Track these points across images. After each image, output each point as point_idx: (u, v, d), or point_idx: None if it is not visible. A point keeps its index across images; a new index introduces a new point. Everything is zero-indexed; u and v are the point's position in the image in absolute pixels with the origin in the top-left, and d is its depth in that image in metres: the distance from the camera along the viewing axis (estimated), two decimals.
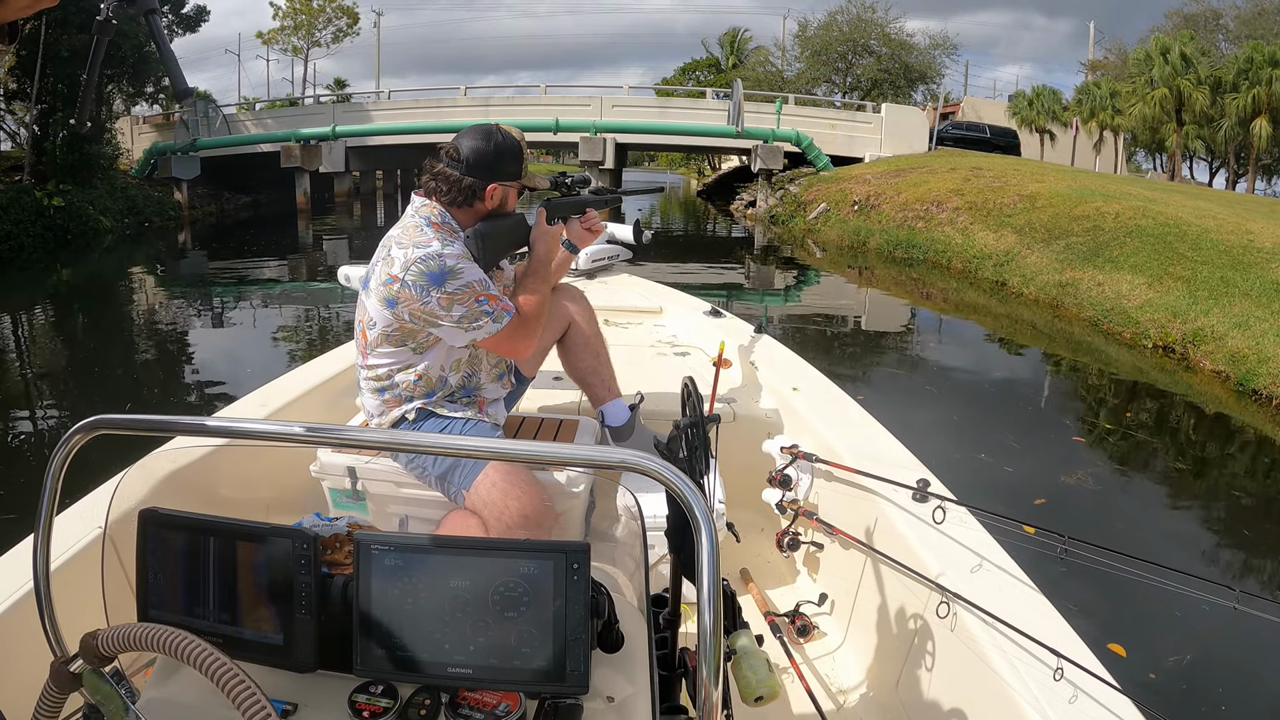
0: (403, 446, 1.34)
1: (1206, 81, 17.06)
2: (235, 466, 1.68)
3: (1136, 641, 2.46)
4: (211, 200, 19.39)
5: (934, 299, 10.12)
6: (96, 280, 10.86)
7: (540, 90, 22.79)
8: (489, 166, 1.59)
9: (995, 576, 1.43)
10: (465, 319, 1.51)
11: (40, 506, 0.79)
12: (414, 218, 1.58)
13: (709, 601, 0.73)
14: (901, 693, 1.53)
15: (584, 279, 3.70)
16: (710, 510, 0.77)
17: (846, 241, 13.80)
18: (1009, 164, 15.90)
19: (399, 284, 1.49)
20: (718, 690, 0.75)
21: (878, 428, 2.08)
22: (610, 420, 1.93)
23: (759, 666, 1.10)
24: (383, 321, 1.54)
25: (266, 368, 5.61)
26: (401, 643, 0.80)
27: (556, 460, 0.93)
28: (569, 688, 0.81)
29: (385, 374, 1.60)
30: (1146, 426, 5.40)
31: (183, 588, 0.81)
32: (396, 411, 1.61)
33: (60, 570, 0.89)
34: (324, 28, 30.05)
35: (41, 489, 0.79)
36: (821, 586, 2.01)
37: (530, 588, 0.80)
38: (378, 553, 0.80)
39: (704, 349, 2.87)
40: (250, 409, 2.09)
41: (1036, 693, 1.17)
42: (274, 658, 0.81)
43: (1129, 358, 6.94)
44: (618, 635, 0.91)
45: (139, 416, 0.82)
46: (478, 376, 1.67)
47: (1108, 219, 10.07)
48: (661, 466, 0.74)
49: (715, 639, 0.73)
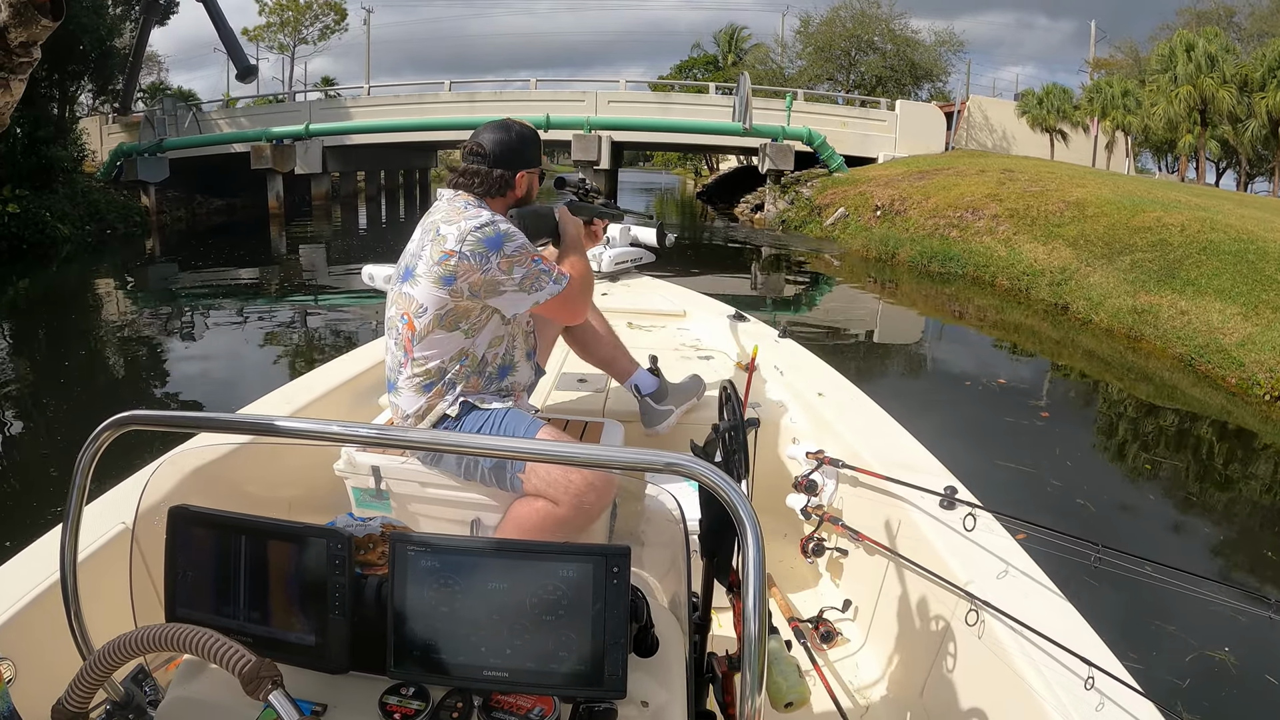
0: (443, 447, 1.39)
1: (1233, 80, 17.28)
2: (258, 464, 1.76)
3: (1169, 650, 2.49)
4: (182, 204, 19.27)
5: (987, 323, 9.28)
6: (53, 293, 10.78)
7: (530, 85, 22.64)
8: (515, 155, 1.75)
9: (1023, 584, 1.48)
10: (527, 279, 1.65)
11: (69, 501, 0.83)
12: (453, 202, 1.71)
13: (754, 607, 0.76)
14: (926, 699, 1.58)
15: (607, 280, 3.86)
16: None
17: (872, 252, 13.23)
18: (1042, 167, 15.71)
19: (456, 257, 1.60)
20: (761, 696, 0.79)
21: (903, 434, 2.15)
22: (644, 389, 2.18)
23: (790, 672, 1.15)
24: (435, 304, 1.63)
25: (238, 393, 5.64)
26: (436, 645, 0.84)
27: (601, 462, 0.97)
28: (606, 692, 0.85)
29: (436, 367, 1.69)
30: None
31: (212, 586, 0.85)
32: (440, 406, 1.70)
33: (84, 564, 0.92)
34: (311, 24, 30.48)
35: (70, 485, 0.83)
36: (845, 592, 2.07)
37: (570, 591, 0.83)
38: (414, 554, 0.84)
39: (728, 353, 3.01)
40: (274, 406, 2.18)
41: (1065, 700, 1.21)
42: (306, 658, 0.84)
43: (1241, 411, 5.99)
44: (653, 640, 0.95)
45: (169, 413, 0.86)
46: (513, 353, 1.81)
47: (1173, 232, 9.44)
48: (708, 470, 0.78)
49: (760, 644, 0.77)
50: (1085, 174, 14.93)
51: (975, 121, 22.70)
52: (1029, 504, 3.82)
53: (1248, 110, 17.42)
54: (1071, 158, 20.76)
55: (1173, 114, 18.19)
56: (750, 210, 20.11)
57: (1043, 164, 16.83)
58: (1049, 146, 21.84)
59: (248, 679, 0.68)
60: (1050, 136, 21.92)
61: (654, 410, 2.17)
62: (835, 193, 16.46)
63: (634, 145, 26.57)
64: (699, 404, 2.29)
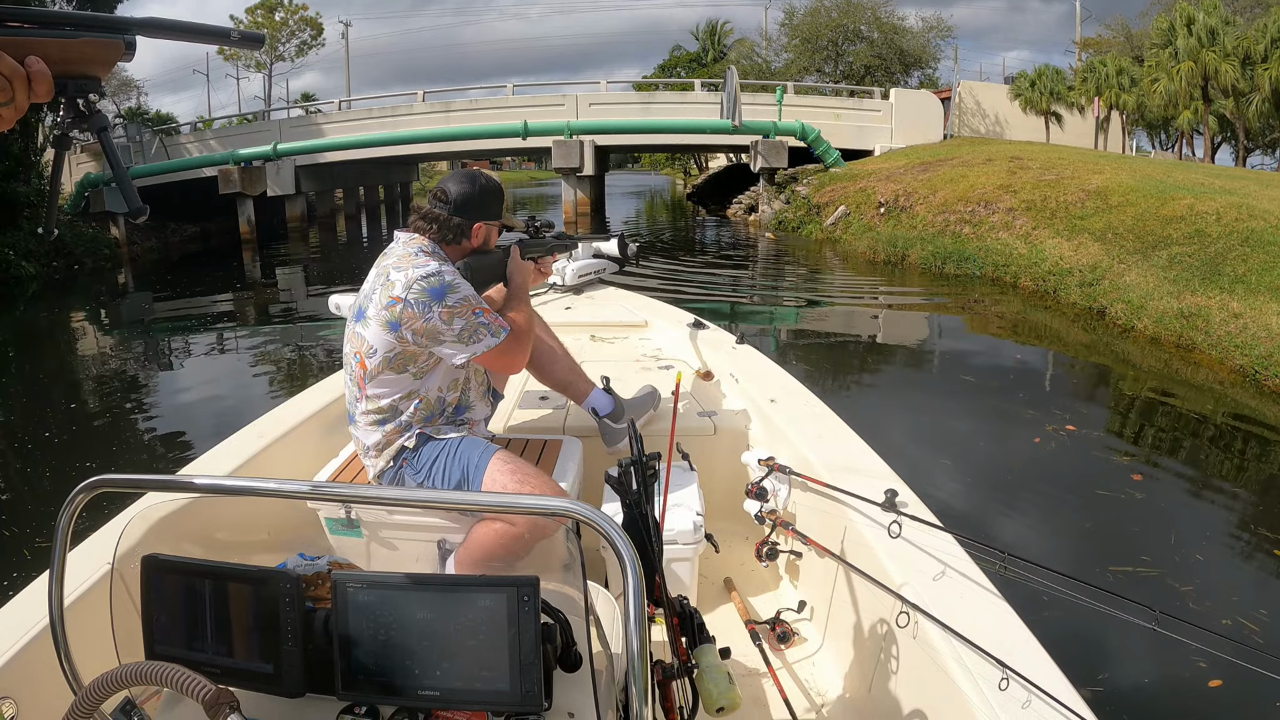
0: (367, 499, 1.56)
1: (1235, 53, 17.53)
2: (234, 503, 1.93)
3: (1074, 655, 2.66)
4: (153, 234, 19.29)
5: (1015, 331, 8.76)
6: (20, 335, 10.91)
7: (507, 90, 22.49)
8: (475, 207, 1.95)
9: (956, 586, 1.65)
10: (465, 332, 1.82)
11: (53, 554, 1.03)
12: (407, 246, 1.90)
13: (634, 631, 0.94)
14: (874, 698, 1.76)
15: (571, 294, 4.11)
16: (657, 544, 1.00)
17: (880, 254, 12.85)
18: (1051, 152, 15.51)
19: (402, 304, 1.78)
20: (648, 708, 0.98)
21: (852, 437, 2.36)
22: (601, 410, 2.38)
23: (720, 680, 1.34)
24: (384, 347, 1.82)
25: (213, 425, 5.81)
26: (377, 668, 1.02)
27: (507, 509, 1.16)
28: (525, 707, 1.04)
29: (387, 405, 1.88)
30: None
31: (183, 624, 1.04)
32: (398, 442, 1.89)
33: (73, 607, 1.11)
34: (287, 41, 30.93)
35: (53, 540, 1.03)
36: (801, 594, 2.27)
37: (487, 618, 1.02)
38: (353, 590, 1.03)
39: (688, 361, 3.27)
40: (248, 440, 2.36)
41: (991, 700, 1.36)
42: (266, 685, 1.03)
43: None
44: (575, 656, 1.14)
45: (137, 476, 1.05)
46: (469, 394, 2.00)
47: (1209, 221, 9.05)
48: (591, 513, 0.96)
49: (642, 663, 0.95)
50: (1097, 158, 14.81)
51: (967, 107, 22.94)
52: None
53: (1251, 84, 17.65)
54: (1068, 140, 20.98)
55: (1174, 90, 18.43)
56: (744, 212, 19.99)
57: (1051, 149, 16.81)
58: (1044, 130, 22.08)
59: (209, 705, 0.86)
60: (1045, 119, 22.15)
61: (612, 429, 2.37)
62: (834, 190, 16.27)
63: (619, 148, 26.69)
64: (655, 415, 2.51)
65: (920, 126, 20.19)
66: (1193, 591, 3.37)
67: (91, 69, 0.80)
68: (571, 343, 2.91)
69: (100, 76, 0.83)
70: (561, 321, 3.57)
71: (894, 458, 2.23)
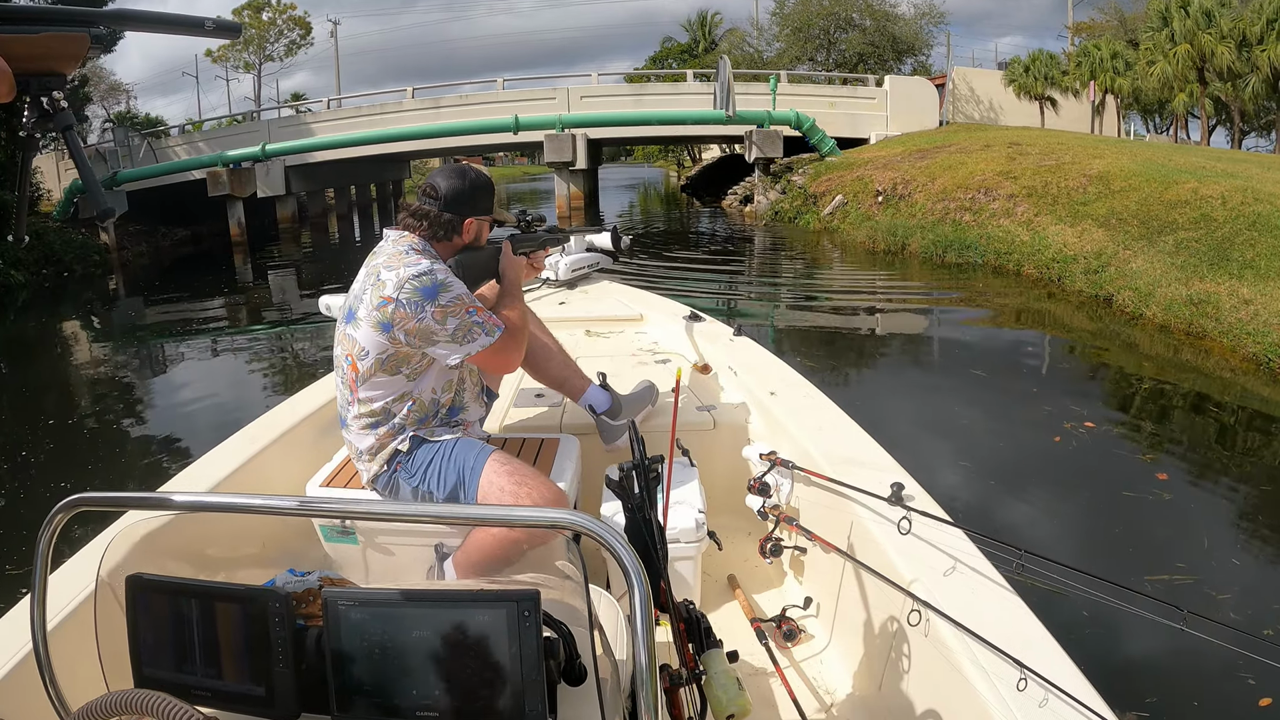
0: (358, 514, 1.53)
1: (1231, 35, 17.49)
2: (225, 515, 1.89)
3: (1095, 656, 2.63)
4: (144, 238, 19.27)
5: (1020, 319, 8.67)
6: (12, 344, 10.87)
7: (497, 85, 22.49)
8: (465, 202, 1.89)
9: (966, 582, 1.62)
10: (459, 331, 1.78)
11: (34, 577, 0.99)
12: (397, 244, 1.85)
13: (642, 645, 0.91)
14: (885, 696, 1.73)
15: (565, 288, 4.08)
16: (662, 549, 0.97)
17: (880, 244, 12.76)
18: (1049, 137, 15.47)
19: (393, 304, 1.74)
20: (657, 717, 0.95)
21: (855, 430, 2.32)
22: (598, 407, 2.35)
23: (729, 686, 1.31)
24: (376, 349, 1.78)
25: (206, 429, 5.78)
26: (373, 688, 0.99)
27: (504, 522, 1.12)
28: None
29: (380, 407, 1.84)
30: None
31: (171, 647, 1.00)
32: (391, 445, 1.85)
33: (57, 630, 1.07)
34: (275, 41, 30.83)
35: (34, 562, 0.99)
36: (807, 590, 2.24)
37: (487, 634, 0.98)
38: (344, 608, 0.99)
39: (684, 354, 3.24)
40: (239, 446, 2.32)
41: (1009, 700, 1.33)
42: (258, 708, 1.00)
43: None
44: (580, 668, 1.11)
45: (117, 495, 1.02)
46: (463, 395, 1.96)
47: (1214, 205, 9.00)
48: (592, 524, 0.93)
49: (651, 675, 0.92)
50: (1097, 143, 14.76)
51: (961, 94, 22.93)
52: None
53: (1248, 65, 17.62)
54: (1063, 125, 20.98)
55: (1171, 73, 18.39)
56: (739, 203, 19.98)
57: (1049, 134, 16.81)
58: (1039, 115, 22.09)
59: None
60: (1040, 104, 22.16)
61: (610, 427, 2.34)
62: (830, 179, 16.26)
63: (611, 141, 26.64)
64: (653, 410, 2.47)
65: (916, 113, 20.18)
66: (1230, 600, 3.27)
67: (56, 65, 0.77)
68: (566, 338, 2.88)
69: (65, 73, 0.80)
70: (555, 317, 3.54)
71: (899, 451, 2.19)
